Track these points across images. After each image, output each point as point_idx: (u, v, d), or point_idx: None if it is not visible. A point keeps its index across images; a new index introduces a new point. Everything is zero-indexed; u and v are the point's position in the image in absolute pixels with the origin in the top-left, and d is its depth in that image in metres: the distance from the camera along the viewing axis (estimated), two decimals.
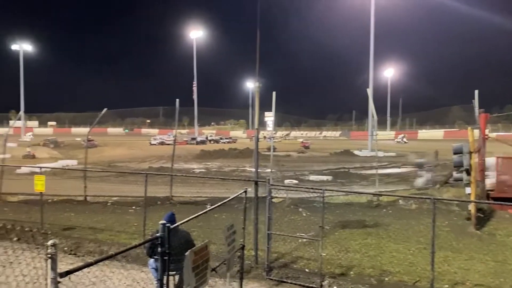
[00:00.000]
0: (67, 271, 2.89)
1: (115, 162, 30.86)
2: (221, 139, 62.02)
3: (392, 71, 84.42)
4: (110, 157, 34.18)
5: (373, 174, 19.10)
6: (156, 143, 53.48)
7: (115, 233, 9.62)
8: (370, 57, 42.57)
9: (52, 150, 42.20)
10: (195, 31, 70.27)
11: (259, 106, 7.68)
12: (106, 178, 19.98)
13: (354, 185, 19.43)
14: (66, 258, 7.81)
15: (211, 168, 27.86)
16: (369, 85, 40.53)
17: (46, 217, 10.07)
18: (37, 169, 19.32)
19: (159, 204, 12.76)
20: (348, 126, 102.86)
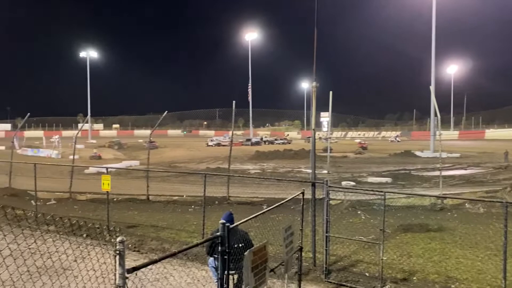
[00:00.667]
0: (134, 267, 3.01)
1: (175, 162, 31.90)
2: (276, 140, 62.11)
3: (455, 68, 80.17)
4: (170, 158, 35.40)
5: (436, 176, 18.19)
6: (212, 144, 54.68)
7: (176, 232, 9.92)
8: (432, 53, 40.65)
9: (116, 151, 44.52)
10: (250, 33, 71.08)
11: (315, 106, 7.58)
12: (167, 178, 20.70)
13: (416, 187, 18.63)
14: (131, 255, 8.16)
15: (266, 169, 27.97)
16: (431, 82, 38.73)
17: (111, 215, 10.60)
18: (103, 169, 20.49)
19: (216, 204, 13.00)
20: (408, 126, 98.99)
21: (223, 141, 54.28)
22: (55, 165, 22.44)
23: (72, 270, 6.40)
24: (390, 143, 61.17)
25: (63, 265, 6.41)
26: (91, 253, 6.98)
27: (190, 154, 41.00)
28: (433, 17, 40.43)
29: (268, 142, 59.37)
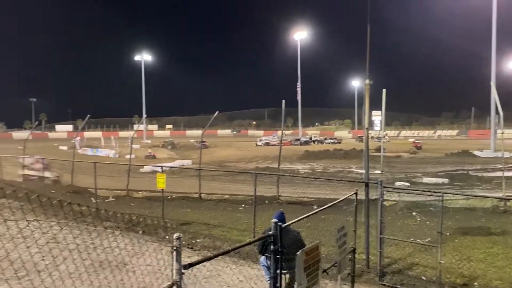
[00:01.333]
0: (190, 264, 3.09)
1: (225, 162, 32.40)
2: (326, 140, 61.34)
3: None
4: (220, 157, 36.02)
5: (498, 177, 17.14)
6: (261, 144, 54.99)
7: (227, 230, 10.06)
8: (492, 47, 38.37)
9: (169, 151, 45.98)
10: (299, 32, 70.71)
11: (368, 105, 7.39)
12: (217, 177, 21.07)
13: (475, 188, 17.68)
14: (184, 251, 8.33)
15: (316, 169, 27.70)
16: (492, 78, 36.55)
17: (166, 212, 10.94)
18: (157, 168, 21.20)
19: (267, 203, 13.04)
20: (466, 124, 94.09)
21: (271, 141, 54.50)
22: (113, 164, 23.51)
23: (130, 265, 6.65)
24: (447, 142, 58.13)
25: (122, 260, 6.71)
26: (148, 249, 7.28)
27: (240, 154, 41.47)
28: (494, 9, 38.15)
29: (317, 142, 58.78)
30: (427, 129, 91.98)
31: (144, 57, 76.09)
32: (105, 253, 6.16)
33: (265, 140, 57.75)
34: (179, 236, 3.08)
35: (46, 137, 73.53)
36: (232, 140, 66.34)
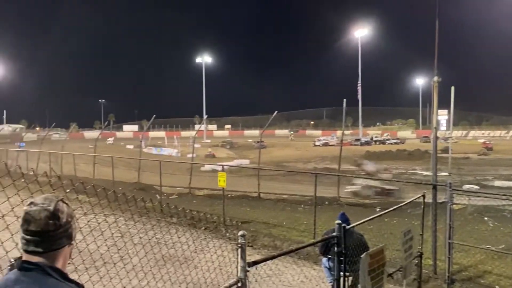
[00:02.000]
0: (254, 261, 3.12)
1: (283, 162, 32.41)
2: (388, 140, 59.35)
3: None
4: (278, 157, 36.06)
5: None
6: (320, 144, 54.36)
7: (287, 229, 10.05)
8: None
9: (228, 151, 46.87)
10: (360, 30, 69.04)
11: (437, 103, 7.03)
12: (275, 177, 21.13)
13: None
14: None
15: None
16: None
17: (226, 210, 11.14)
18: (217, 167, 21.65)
19: (327, 204, 12.86)
20: None
21: (330, 141, 53.74)
22: (176, 162, 24.39)
23: (192, 261, 6.83)
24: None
25: (185, 256, 6.93)
26: (209, 245, 7.45)
27: (297, 154, 41.29)
28: None
29: (379, 142, 57.05)
30: (499, 129, 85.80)
31: (205, 59, 78.29)
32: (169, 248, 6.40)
33: (324, 140, 57.05)
34: (243, 233, 3.11)
35: (114, 137, 77.86)
36: (290, 140, 66.22)
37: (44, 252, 1.45)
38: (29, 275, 1.42)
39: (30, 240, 1.45)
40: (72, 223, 1.54)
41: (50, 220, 1.46)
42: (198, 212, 7.30)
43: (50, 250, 1.46)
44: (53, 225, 1.46)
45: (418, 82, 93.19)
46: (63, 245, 1.50)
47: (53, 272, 1.44)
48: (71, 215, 1.54)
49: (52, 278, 1.43)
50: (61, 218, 1.48)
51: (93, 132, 68.48)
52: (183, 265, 6.67)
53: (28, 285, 1.40)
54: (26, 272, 1.43)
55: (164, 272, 5.51)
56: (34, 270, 1.43)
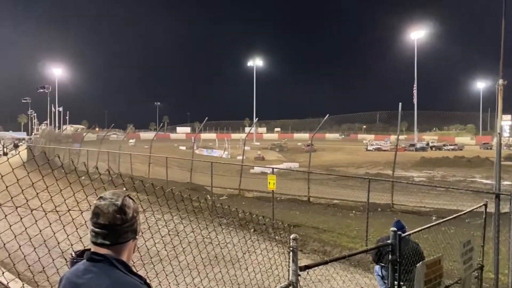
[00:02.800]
0: (306, 266, 3.08)
1: (333, 166, 31.90)
2: (445, 146, 56.71)
3: None
4: (328, 162, 35.54)
5: None
6: (372, 148, 53.05)
7: (337, 235, 9.87)
8: None
9: (277, 153, 46.89)
10: (416, 32, 66.63)
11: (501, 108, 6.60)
12: (325, 181, 20.82)
13: None
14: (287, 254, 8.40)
15: (433, 177, 25.77)
16: None
17: (275, 213, 11.13)
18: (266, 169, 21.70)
19: (379, 211, 12.48)
20: None
21: (383, 146, 52.25)
22: (226, 164, 24.76)
23: (242, 262, 6.87)
24: None
25: (235, 256, 6.99)
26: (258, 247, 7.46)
27: (348, 158, 40.49)
28: None
29: (435, 148, 54.67)
30: None
31: (256, 63, 79.06)
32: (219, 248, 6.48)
33: (376, 144, 55.58)
34: (295, 237, 3.09)
35: (168, 138, 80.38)
36: (341, 144, 65.07)
37: (111, 244, 1.52)
38: (97, 266, 1.49)
39: (98, 233, 1.51)
40: (137, 218, 1.60)
41: (117, 214, 1.52)
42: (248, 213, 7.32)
43: (116, 243, 1.52)
44: (120, 219, 1.52)
45: (478, 86, 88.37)
46: (128, 239, 1.56)
47: (119, 264, 1.50)
48: (136, 211, 1.59)
49: (118, 270, 1.49)
50: (128, 213, 1.54)
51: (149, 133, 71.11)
52: (230, 265, 6.74)
53: (96, 275, 1.47)
54: (95, 263, 1.50)
55: (215, 272, 5.60)
56: (102, 262, 1.49)
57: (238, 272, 5.81)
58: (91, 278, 1.47)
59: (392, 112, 14.57)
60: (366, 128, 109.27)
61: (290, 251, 3.07)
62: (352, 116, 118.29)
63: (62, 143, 31.10)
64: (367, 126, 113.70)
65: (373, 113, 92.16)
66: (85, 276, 1.48)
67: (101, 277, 1.46)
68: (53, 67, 75.47)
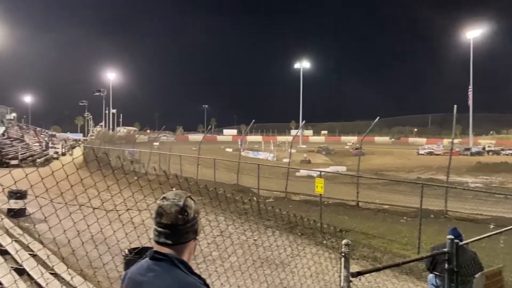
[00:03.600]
0: (358, 272, 3.02)
1: (382, 170, 31.08)
2: (503, 150, 53.63)
3: None
4: (377, 166, 34.67)
5: None
6: (424, 152, 51.26)
7: (387, 241, 9.60)
8: None
9: (324, 157, 46.35)
10: (472, 31, 63.46)
11: None
12: (374, 186, 20.30)
13: None
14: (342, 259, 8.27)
15: (490, 183, 24.42)
16: None
17: (322, 217, 11.00)
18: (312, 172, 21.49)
19: (432, 217, 11.99)
20: None
21: (436, 150, 50.33)
22: (272, 166, 24.81)
23: (288, 265, 6.86)
24: None
25: (283, 260, 6.99)
26: (307, 252, 7.42)
27: (399, 162, 39.28)
28: None
29: (492, 152, 51.87)
30: None
31: (303, 65, 78.73)
32: (268, 251, 6.51)
33: (429, 148, 53.62)
34: (348, 242, 3.04)
35: (215, 140, 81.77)
36: (391, 147, 63.23)
37: (173, 244, 1.56)
38: (160, 265, 1.54)
39: (161, 232, 1.57)
40: (198, 219, 1.63)
41: (179, 215, 1.56)
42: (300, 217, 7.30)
43: (178, 243, 1.57)
44: (182, 220, 1.56)
45: None
46: (189, 239, 1.60)
47: (180, 264, 1.54)
48: (197, 211, 1.63)
49: (180, 270, 1.53)
50: (189, 214, 1.58)
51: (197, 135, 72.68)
52: (279, 268, 6.74)
53: (159, 274, 1.51)
54: (157, 262, 1.55)
55: (261, 274, 5.63)
56: (164, 261, 1.54)
57: (284, 276, 5.81)
58: (154, 277, 1.51)
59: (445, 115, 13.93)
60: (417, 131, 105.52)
61: (341, 256, 3.02)
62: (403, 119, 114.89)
63: (116, 144, 32.50)
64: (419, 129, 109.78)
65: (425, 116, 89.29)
66: (148, 274, 1.53)
67: (164, 276, 1.50)
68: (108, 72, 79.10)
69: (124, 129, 57.90)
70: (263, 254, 6.26)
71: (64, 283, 5.38)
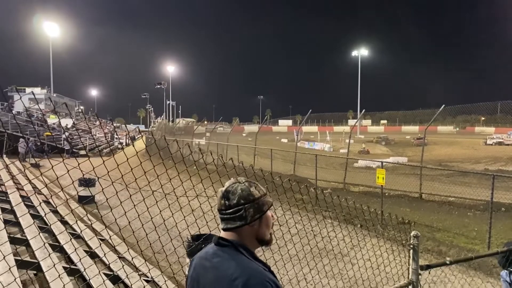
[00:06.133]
0: (428, 265, 2.91)
1: (446, 161, 29.61)
2: None
3: None
4: (441, 156, 33.11)
5: None
6: (492, 142, 48.13)
7: (453, 235, 9.16)
8: None
9: (383, 147, 44.92)
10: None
11: None
12: (437, 177, 19.40)
13: None
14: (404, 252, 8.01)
15: None
16: None
17: (383, 209, 10.68)
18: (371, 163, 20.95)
19: (503, 211, 11.26)
20: None
21: (506, 140, 47.08)
22: (330, 157, 24.47)
23: (349, 257, 6.76)
24: None
25: (341, 251, 6.89)
26: (366, 243, 7.26)
27: (464, 153, 37.16)
28: None
29: None
30: None
31: (361, 52, 76.57)
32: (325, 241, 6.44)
33: (497, 138, 50.20)
34: (417, 234, 2.94)
35: (270, 131, 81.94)
36: (455, 137, 60.03)
37: (228, 229, 1.60)
38: (224, 250, 1.57)
39: (220, 218, 1.63)
40: (247, 206, 1.59)
41: (222, 200, 1.61)
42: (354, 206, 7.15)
43: (227, 229, 1.61)
44: (224, 205, 1.60)
45: None
46: (236, 225, 1.59)
47: (243, 250, 1.56)
48: (246, 198, 1.59)
49: (244, 256, 1.55)
50: (231, 199, 1.59)
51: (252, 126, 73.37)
52: (337, 258, 6.66)
53: (223, 259, 1.54)
54: (222, 248, 1.59)
55: (318, 263, 5.59)
56: (228, 247, 1.57)
57: (345, 267, 5.73)
58: (219, 262, 1.54)
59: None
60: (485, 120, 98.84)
61: (410, 248, 2.93)
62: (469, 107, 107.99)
63: (176, 135, 33.62)
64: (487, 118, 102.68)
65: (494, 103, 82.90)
66: (214, 260, 1.56)
67: (228, 261, 1.52)
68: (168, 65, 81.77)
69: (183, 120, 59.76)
70: (320, 243, 6.20)
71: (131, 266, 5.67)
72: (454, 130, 74.69)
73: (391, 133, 66.24)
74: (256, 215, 1.61)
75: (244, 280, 1.45)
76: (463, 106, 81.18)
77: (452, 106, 62.35)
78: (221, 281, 1.50)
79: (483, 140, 50.41)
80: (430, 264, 2.87)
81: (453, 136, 64.41)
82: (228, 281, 1.47)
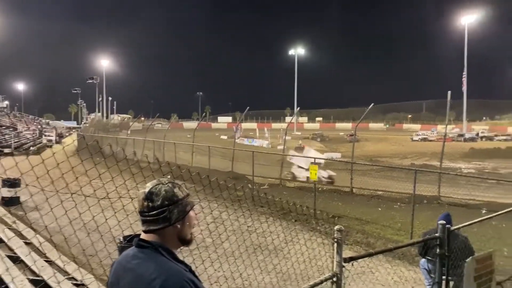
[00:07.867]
0: (351, 257, 3.05)
1: (377, 157, 31.26)
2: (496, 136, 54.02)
3: None
4: (372, 152, 34.85)
5: None
6: (418, 139, 51.56)
7: (381, 227, 9.70)
8: None
9: (318, 143, 46.44)
10: (466, 16, 63.28)
11: None
12: (368, 172, 20.37)
13: None
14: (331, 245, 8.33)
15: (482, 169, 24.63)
16: None
17: (317, 203, 11.04)
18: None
19: (425, 203, 12.09)
20: None
21: (430, 136, 50.65)
22: (267, 153, 24.83)
23: (282, 251, 6.91)
24: None
25: (276, 247, 7.03)
26: (299, 237, 7.47)
27: (393, 149, 39.48)
28: None
29: (485, 138, 52.25)
30: None
31: (297, 51, 78.46)
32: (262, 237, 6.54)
33: (423, 134, 53.91)
34: (340, 228, 3.07)
35: (210, 127, 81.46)
36: (385, 134, 63.46)
37: (148, 231, 1.58)
38: (144, 252, 1.55)
39: (141, 220, 1.60)
40: (171, 207, 1.58)
41: (145, 202, 1.57)
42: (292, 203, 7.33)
43: (149, 231, 1.58)
44: (147, 207, 1.57)
45: None
46: (159, 226, 1.57)
47: (163, 251, 1.55)
48: (170, 199, 1.58)
49: (163, 257, 1.53)
50: (155, 201, 1.56)
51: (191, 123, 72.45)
52: (272, 254, 6.79)
53: (142, 261, 1.52)
54: (142, 249, 1.56)
55: (254, 260, 5.66)
56: (148, 248, 1.55)
57: (277, 261, 5.85)
58: (138, 264, 1.52)
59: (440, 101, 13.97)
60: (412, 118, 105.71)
61: (334, 242, 3.05)
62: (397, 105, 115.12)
63: (110, 132, 32.33)
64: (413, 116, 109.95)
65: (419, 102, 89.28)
66: (133, 262, 1.54)
67: (147, 262, 1.51)
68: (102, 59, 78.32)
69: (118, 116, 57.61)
70: (256, 240, 6.28)
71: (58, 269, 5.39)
72: (385, 127, 79.04)
73: (326, 130, 68.75)
74: (180, 215, 1.60)
75: (162, 281, 1.44)
76: (392, 105, 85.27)
77: (382, 105, 65.32)
78: (140, 282, 1.48)
79: (410, 136, 53.77)
80: (353, 256, 3.02)
81: (383, 132, 68.04)
82: (146, 282, 1.46)
